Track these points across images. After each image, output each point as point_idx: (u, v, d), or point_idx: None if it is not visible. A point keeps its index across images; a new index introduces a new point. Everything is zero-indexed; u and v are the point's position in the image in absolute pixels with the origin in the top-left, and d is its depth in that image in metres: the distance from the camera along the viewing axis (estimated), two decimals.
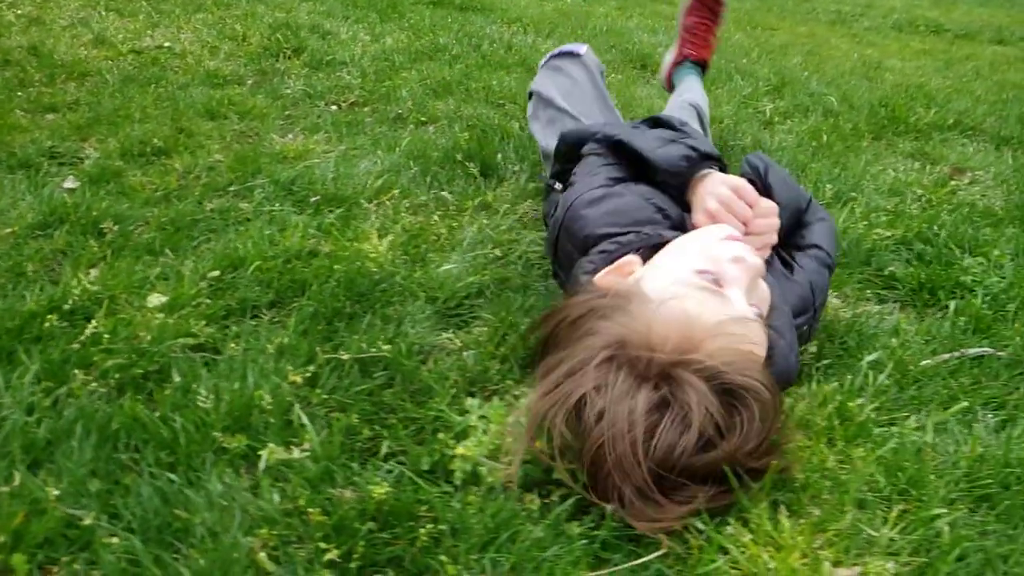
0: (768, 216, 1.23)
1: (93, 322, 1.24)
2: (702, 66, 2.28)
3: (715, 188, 1.23)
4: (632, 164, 1.37)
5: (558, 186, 1.54)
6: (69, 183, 1.78)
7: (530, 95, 1.90)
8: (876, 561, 0.88)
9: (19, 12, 3.20)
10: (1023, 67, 4.84)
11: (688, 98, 2.07)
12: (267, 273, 1.42)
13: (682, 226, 1.27)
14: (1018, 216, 1.89)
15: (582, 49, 1.89)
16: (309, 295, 1.35)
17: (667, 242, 1.18)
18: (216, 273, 1.42)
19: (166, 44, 2.97)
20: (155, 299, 1.34)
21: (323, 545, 0.88)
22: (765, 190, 1.30)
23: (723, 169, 1.32)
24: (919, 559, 0.89)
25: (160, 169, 1.88)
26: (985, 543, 0.92)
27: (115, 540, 0.88)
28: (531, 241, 1.63)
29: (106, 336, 1.21)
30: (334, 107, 2.50)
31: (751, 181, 1.29)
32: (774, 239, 1.26)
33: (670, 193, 1.32)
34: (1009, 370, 1.28)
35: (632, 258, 1.14)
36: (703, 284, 1.03)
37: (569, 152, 1.52)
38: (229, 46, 3.02)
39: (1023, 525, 0.96)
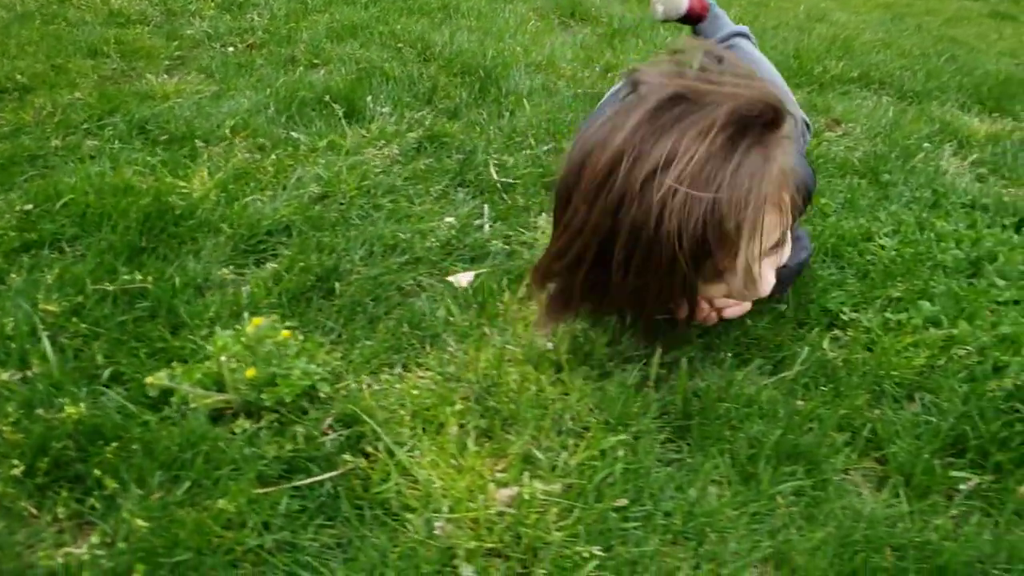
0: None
1: None
2: None
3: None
4: None
5: None
6: None
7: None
8: (537, 483, 0.92)
9: None
10: (980, 23, 4.78)
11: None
12: (78, 207, 1.45)
13: None
14: (871, 168, 1.90)
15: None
16: (106, 229, 1.38)
17: None
18: (29, 207, 1.45)
19: None
20: None
21: (15, 461, 0.92)
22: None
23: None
24: (585, 482, 0.93)
25: (17, 105, 1.90)
26: (657, 468, 0.95)
27: None
28: (361, 176, 1.65)
29: None
30: (231, 49, 2.50)
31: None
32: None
33: None
34: (772, 312, 1.30)
35: None
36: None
37: None
38: None
39: (710, 452, 1.00)
